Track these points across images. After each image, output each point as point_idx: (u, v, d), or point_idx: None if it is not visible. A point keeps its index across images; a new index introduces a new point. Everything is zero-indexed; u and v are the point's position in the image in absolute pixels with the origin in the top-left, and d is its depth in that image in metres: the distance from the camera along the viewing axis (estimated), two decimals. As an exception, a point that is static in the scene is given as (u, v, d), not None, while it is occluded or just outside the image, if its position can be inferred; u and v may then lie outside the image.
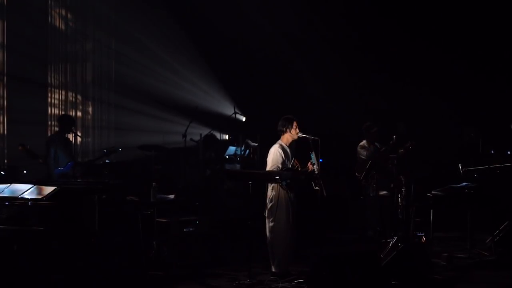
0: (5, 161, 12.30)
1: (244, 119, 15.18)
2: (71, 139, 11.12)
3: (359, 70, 14.16)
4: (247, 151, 13.73)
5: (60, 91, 14.08)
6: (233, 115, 14.61)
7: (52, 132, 13.26)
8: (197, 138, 13.26)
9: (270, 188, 8.55)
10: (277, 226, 8.45)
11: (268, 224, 8.52)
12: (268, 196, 8.55)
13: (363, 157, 11.57)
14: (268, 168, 8.58)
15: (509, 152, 11.41)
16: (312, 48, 14.65)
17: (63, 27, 14.20)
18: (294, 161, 8.69)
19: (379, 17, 14.11)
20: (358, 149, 11.77)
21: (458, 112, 13.86)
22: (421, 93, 14.11)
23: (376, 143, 11.64)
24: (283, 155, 8.53)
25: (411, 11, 13.96)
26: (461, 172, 10.37)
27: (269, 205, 8.52)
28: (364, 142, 11.79)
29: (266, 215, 8.56)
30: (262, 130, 13.83)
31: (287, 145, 8.68)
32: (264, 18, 14.55)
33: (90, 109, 14.59)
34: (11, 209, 7.64)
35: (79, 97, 14.43)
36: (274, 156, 8.56)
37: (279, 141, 8.69)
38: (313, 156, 8.47)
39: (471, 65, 13.54)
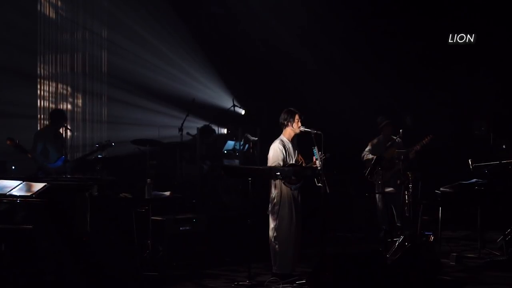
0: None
1: (243, 112, 15.15)
2: (62, 133, 11.07)
3: (364, 63, 14.13)
4: (247, 146, 13.71)
5: (51, 83, 14.04)
6: (232, 108, 14.58)
7: (42, 126, 13.23)
8: (194, 132, 13.23)
9: (273, 185, 8.53)
10: (279, 225, 8.44)
11: (271, 223, 8.50)
12: (271, 194, 8.54)
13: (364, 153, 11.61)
14: (268, 165, 8.55)
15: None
16: (314, 39, 14.61)
17: (54, 16, 14.14)
18: (298, 156, 8.67)
19: (384, 10, 14.10)
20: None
21: (468, 105, 13.85)
22: (430, 86, 14.10)
23: (398, 138, 11.48)
24: (283, 151, 8.51)
25: (418, 5, 13.97)
26: (471, 168, 10.35)
27: (271, 203, 8.51)
28: (376, 138, 11.75)
29: (269, 213, 8.54)
30: (262, 123, 13.83)
31: (290, 139, 8.66)
32: (265, 8, 14.50)
33: (81, 101, 14.55)
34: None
35: (70, 89, 14.38)
36: (274, 152, 8.54)
37: (281, 136, 8.68)
38: (315, 151, 8.44)
39: (480, 58, 13.52)
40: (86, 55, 14.58)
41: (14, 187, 7.76)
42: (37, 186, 7.76)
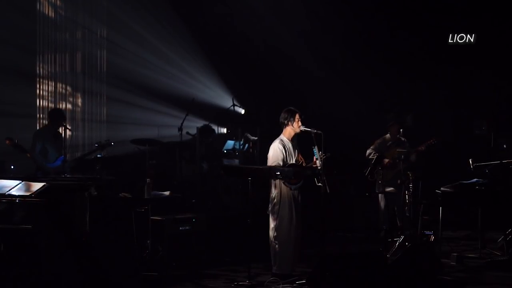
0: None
1: (243, 111, 15.14)
2: (61, 132, 11.07)
3: (364, 63, 14.13)
4: (246, 145, 13.70)
5: (50, 82, 14.03)
6: (232, 107, 14.57)
7: (41, 125, 13.22)
8: (193, 131, 13.22)
9: (273, 185, 8.52)
10: (279, 225, 8.43)
11: (271, 223, 8.50)
12: (271, 194, 8.53)
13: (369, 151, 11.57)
14: (268, 165, 8.54)
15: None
16: (315, 38, 14.61)
17: (53, 15, 14.13)
18: (298, 156, 8.66)
19: (385, 10, 14.12)
20: None
21: (469, 105, 13.85)
22: (430, 85, 14.10)
23: (403, 138, 11.51)
24: (283, 151, 8.50)
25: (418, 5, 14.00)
26: (472, 168, 10.34)
27: (272, 203, 8.50)
28: (382, 137, 11.69)
29: (269, 213, 8.54)
30: (262, 123, 13.81)
31: (289, 139, 8.65)
32: (264, 7, 14.50)
33: (81, 101, 14.54)
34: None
35: (69, 88, 14.38)
36: (274, 152, 8.53)
37: (281, 136, 8.67)
38: (315, 150, 8.44)
39: (481, 57, 13.52)
40: (85, 55, 14.58)
41: (13, 186, 7.76)
42: (36, 185, 7.76)
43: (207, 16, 14.95)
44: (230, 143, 13.78)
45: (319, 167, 8.40)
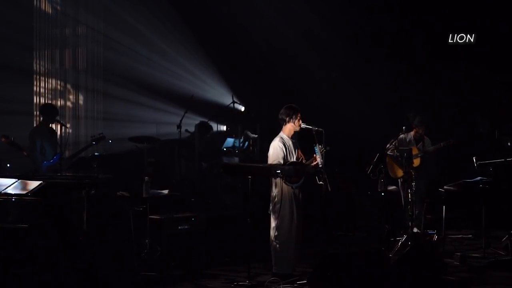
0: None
1: (243, 108, 15.13)
2: (56, 129, 11.06)
3: (365, 61, 14.12)
4: (246, 143, 13.69)
5: (47, 79, 14.02)
6: (232, 104, 14.55)
7: (38, 123, 13.21)
8: (192, 129, 13.21)
9: (273, 184, 8.51)
10: (280, 224, 8.42)
11: (272, 222, 8.49)
12: (272, 193, 8.52)
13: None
14: (268, 163, 8.53)
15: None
16: (315, 36, 14.60)
17: (50, 11, 14.12)
18: (298, 153, 8.65)
19: (386, 8, 14.13)
20: None
21: (473, 102, 13.84)
22: (433, 83, 14.09)
23: (426, 137, 11.42)
24: (284, 149, 8.49)
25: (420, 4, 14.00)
26: (476, 166, 10.33)
27: (272, 202, 8.49)
28: (404, 134, 11.49)
29: (270, 212, 8.53)
30: (262, 120, 13.81)
31: (290, 136, 8.64)
32: (266, 3, 14.49)
33: (78, 98, 14.53)
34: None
35: (66, 85, 14.37)
36: (275, 151, 8.52)
37: (281, 134, 8.66)
38: (316, 148, 8.43)
39: (485, 55, 13.52)
40: (82, 51, 14.56)
41: (9, 185, 7.74)
42: (33, 184, 7.75)
43: (206, 13, 14.93)
44: (229, 141, 13.77)
45: (320, 165, 8.39)
